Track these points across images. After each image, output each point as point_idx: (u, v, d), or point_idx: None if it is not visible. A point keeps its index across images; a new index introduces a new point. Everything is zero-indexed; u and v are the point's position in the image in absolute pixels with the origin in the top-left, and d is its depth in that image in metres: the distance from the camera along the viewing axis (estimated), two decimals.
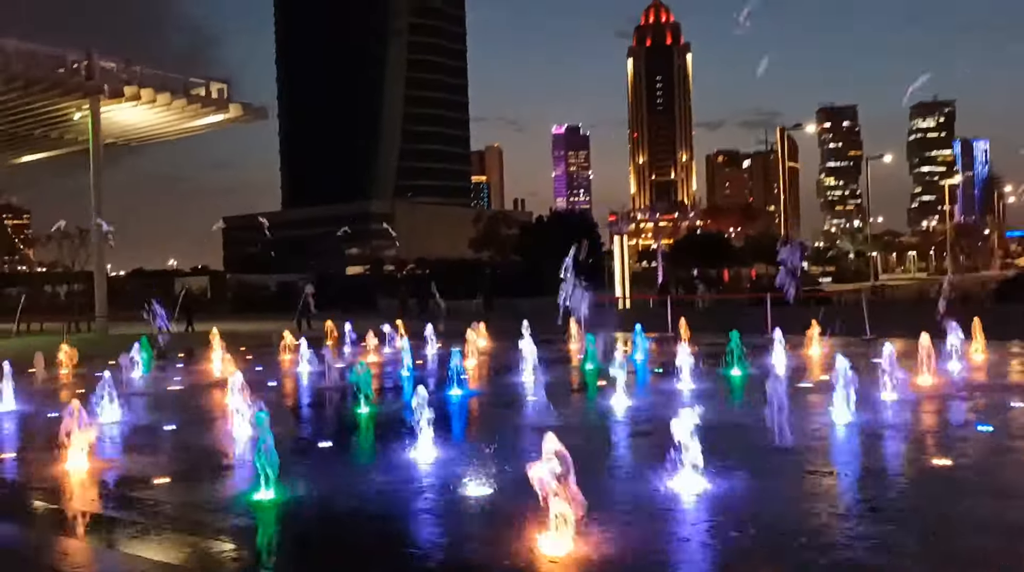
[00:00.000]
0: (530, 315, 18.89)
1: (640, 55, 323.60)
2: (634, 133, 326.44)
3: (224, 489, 7.55)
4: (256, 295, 54.51)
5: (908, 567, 5.10)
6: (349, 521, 6.42)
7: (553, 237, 53.58)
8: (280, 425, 8.92)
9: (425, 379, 14.02)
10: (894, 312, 23.46)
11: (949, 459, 7.59)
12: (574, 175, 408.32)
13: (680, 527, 5.92)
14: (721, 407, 10.73)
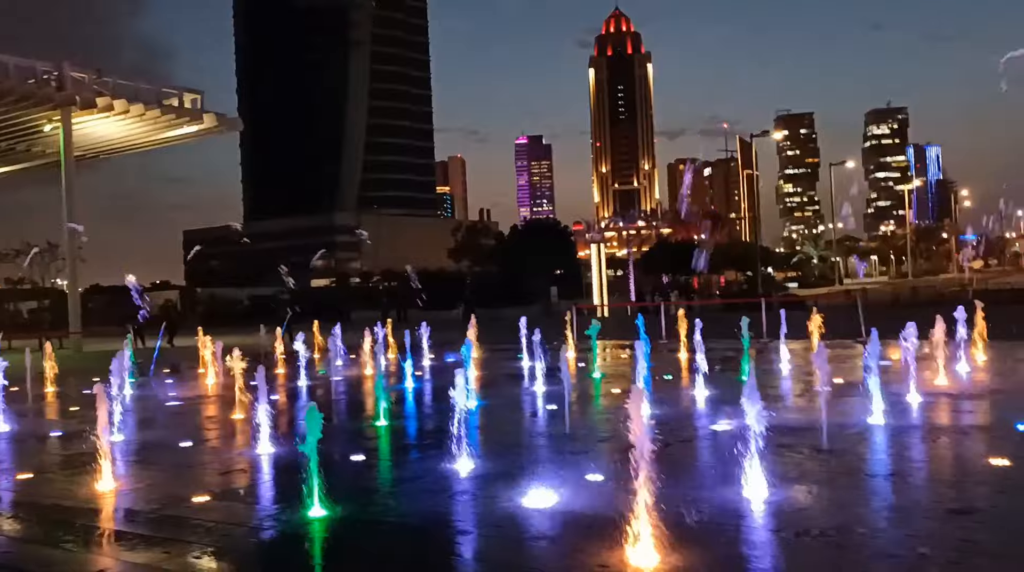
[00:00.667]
0: (516, 325, 18.94)
1: (602, 65, 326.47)
2: (596, 142, 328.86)
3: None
4: (229, 309, 53.63)
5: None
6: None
7: (530, 246, 53.77)
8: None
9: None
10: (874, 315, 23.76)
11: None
12: (537, 184, 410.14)
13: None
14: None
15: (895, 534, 5.74)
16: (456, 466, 8.18)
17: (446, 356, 20.90)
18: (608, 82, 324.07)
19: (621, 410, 9.98)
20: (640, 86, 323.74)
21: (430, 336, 20.98)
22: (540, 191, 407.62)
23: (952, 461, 8.02)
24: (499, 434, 10.52)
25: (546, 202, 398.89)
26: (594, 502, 6.78)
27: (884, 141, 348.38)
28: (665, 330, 23.70)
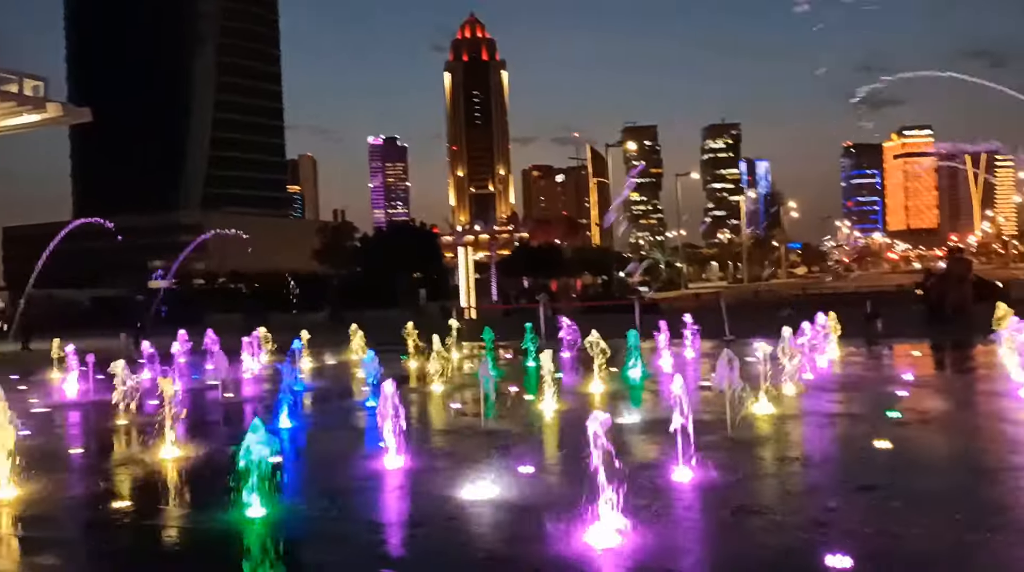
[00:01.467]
0: (387, 327, 19.06)
1: (457, 69, 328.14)
2: (453, 146, 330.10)
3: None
4: (67, 311, 49.76)
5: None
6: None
7: (395, 248, 53.31)
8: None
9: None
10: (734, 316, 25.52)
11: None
12: (392, 186, 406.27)
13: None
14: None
15: (819, 508, 6.39)
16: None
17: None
18: (464, 87, 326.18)
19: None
20: (495, 92, 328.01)
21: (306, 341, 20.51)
22: (395, 193, 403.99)
23: (844, 445, 8.90)
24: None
25: (401, 204, 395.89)
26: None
27: (720, 155, 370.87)
28: (544, 332, 24.31)
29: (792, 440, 9.15)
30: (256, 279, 69.27)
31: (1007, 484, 6.98)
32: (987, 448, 8.43)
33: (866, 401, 11.44)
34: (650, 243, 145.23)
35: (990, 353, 15.46)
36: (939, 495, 6.79)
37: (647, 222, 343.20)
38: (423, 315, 44.15)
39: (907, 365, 16.07)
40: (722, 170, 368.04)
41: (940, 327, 21.85)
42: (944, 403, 11.38)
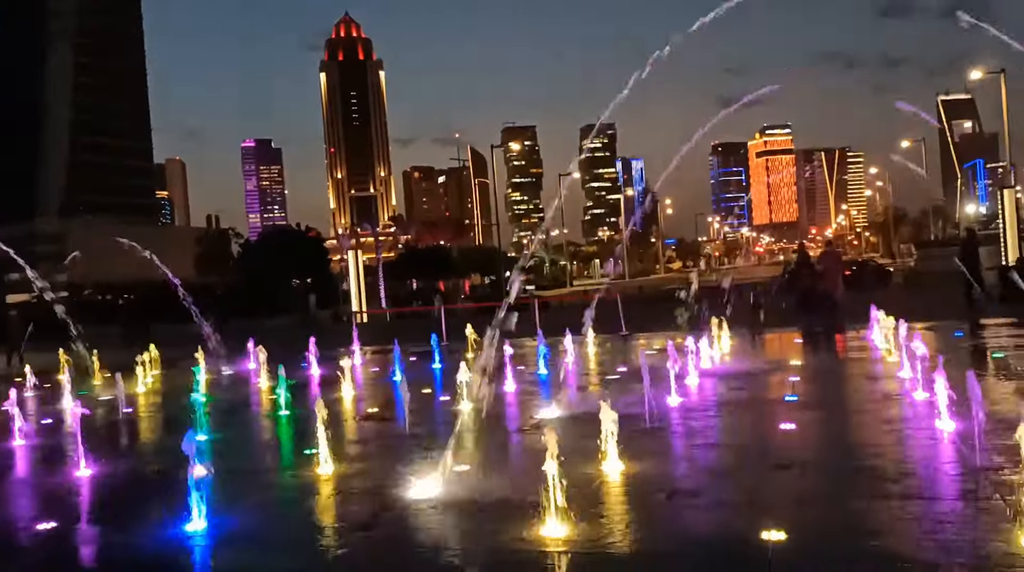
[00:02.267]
0: (275, 335, 18.75)
1: (333, 69, 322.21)
2: (331, 148, 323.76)
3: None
4: None
5: None
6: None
7: (280, 254, 51.86)
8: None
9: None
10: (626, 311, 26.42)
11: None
12: (267, 190, 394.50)
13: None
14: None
15: (744, 487, 6.90)
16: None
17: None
18: (341, 87, 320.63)
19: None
20: (373, 92, 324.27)
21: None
22: (271, 197, 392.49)
23: (754, 429, 9.54)
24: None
25: (278, 208, 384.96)
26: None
27: (597, 154, 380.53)
28: (446, 334, 24.41)
29: (708, 427, 9.72)
30: (128, 290, 65.76)
31: (893, 455, 7.72)
32: (871, 423, 9.26)
33: (764, 387, 12.25)
34: (532, 242, 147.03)
35: (861, 337, 16.81)
36: (842, 468, 7.47)
37: (529, 221, 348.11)
38: (314, 322, 43.27)
39: (792, 352, 17.24)
40: (600, 169, 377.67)
41: (814, 316, 23.43)
42: (831, 385, 12.34)
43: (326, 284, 54.79)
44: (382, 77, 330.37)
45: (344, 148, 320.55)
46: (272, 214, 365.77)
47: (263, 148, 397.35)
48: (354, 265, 44.47)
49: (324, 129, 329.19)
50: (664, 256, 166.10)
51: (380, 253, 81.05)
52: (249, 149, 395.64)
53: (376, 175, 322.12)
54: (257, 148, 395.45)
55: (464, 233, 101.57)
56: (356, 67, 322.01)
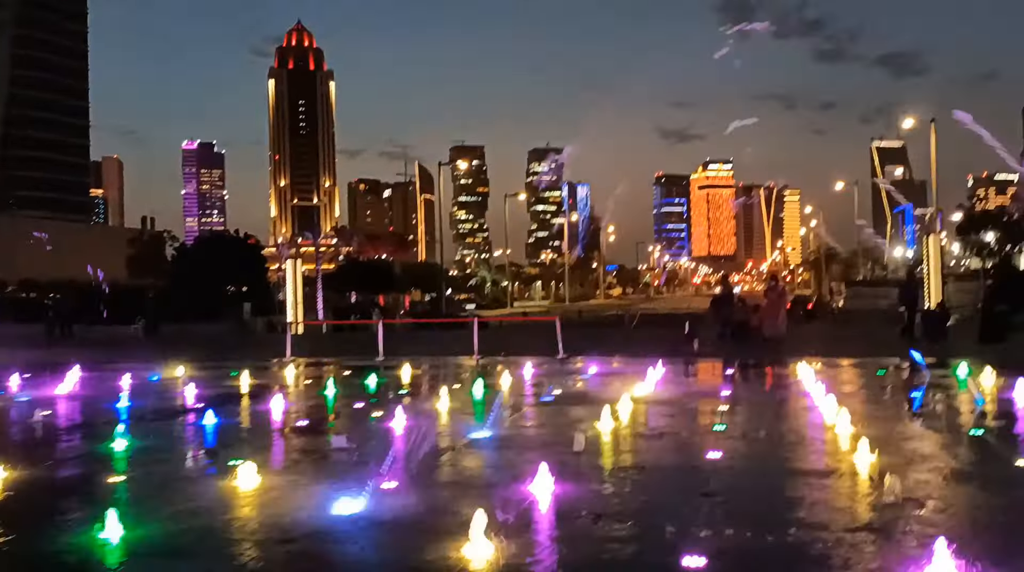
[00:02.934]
0: (207, 341, 18.38)
1: (282, 77, 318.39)
2: (275, 155, 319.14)
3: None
4: None
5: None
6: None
7: (216, 260, 50.70)
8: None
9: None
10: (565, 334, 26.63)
11: None
12: (207, 194, 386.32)
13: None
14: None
15: (670, 515, 6.98)
16: None
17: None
18: (289, 95, 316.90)
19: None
20: (322, 102, 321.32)
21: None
22: (211, 201, 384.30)
23: (682, 457, 9.67)
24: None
25: (217, 213, 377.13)
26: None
27: (544, 177, 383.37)
28: (382, 348, 24.19)
29: (636, 453, 9.82)
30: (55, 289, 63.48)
31: (814, 485, 7.92)
32: (795, 454, 9.49)
33: (694, 416, 12.45)
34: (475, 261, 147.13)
35: (797, 371, 17.23)
36: (764, 497, 7.64)
37: (473, 240, 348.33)
38: (248, 330, 42.45)
39: (724, 382, 17.59)
40: (545, 192, 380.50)
41: (747, 347, 23.97)
42: (760, 416, 12.59)
43: (262, 293, 53.80)
44: (332, 88, 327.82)
45: (289, 156, 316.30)
46: (211, 219, 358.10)
47: (205, 151, 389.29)
48: (292, 274, 43.74)
49: (269, 136, 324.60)
50: (604, 282, 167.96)
51: (320, 264, 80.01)
52: (190, 151, 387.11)
53: (321, 185, 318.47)
54: (199, 151, 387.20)
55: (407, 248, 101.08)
56: (306, 76, 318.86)
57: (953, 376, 15.34)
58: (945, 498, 7.36)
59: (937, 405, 12.99)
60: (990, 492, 7.57)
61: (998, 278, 42.79)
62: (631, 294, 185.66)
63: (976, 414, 11.86)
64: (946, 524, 6.39)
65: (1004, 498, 7.39)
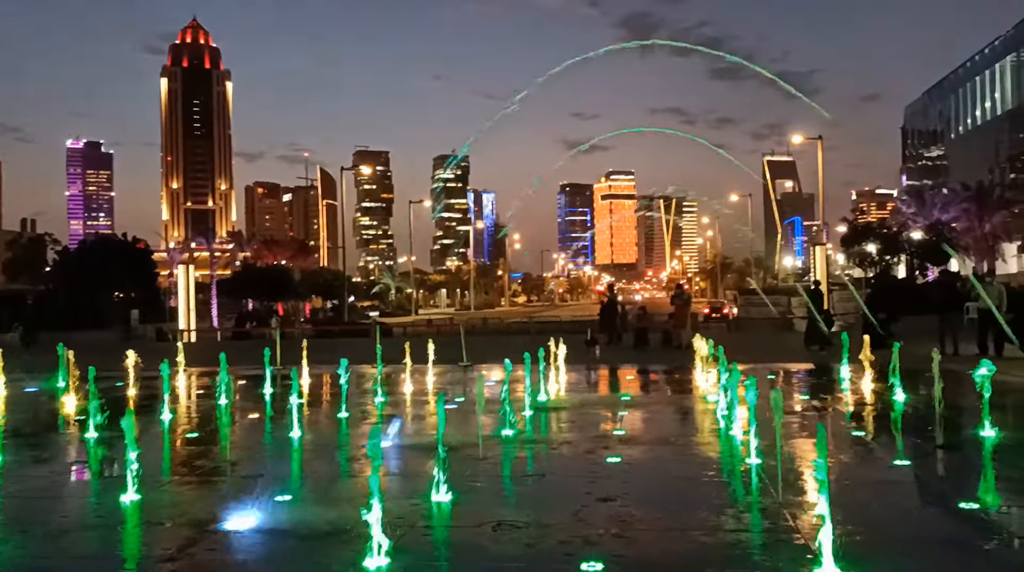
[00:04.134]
0: (90, 349, 17.49)
1: (176, 75, 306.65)
2: (168, 156, 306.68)
3: None
4: None
5: None
6: None
7: (102, 265, 48.12)
8: None
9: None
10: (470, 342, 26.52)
11: None
12: (94, 196, 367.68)
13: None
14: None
15: (569, 519, 7.00)
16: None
17: None
18: (183, 95, 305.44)
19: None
20: (219, 103, 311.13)
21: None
22: (97, 203, 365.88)
23: (582, 462, 9.72)
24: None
25: (104, 215, 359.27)
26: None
27: (449, 184, 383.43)
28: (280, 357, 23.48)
29: (536, 459, 9.82)
30: None
31: (705, 488, 8.11)
32: (691, 458, 9.71)
33: (594, 421, 12.57)
34: (379, 267, 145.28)
35: (692, 374, 17.70)
36: (661, 501, 7.77)
37: (377, 246, 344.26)
38: (136, 338, 40.49)
39: (625, 387, 17.90)
40: (451, 200, 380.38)
41: (653, 353, 24.50)
42: (657, 420, 12.84)
43: (153, 299, 51.41)
44: (229, 88, 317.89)
45: (183, 158, 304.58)
46: (97, 222, 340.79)
47: (92, 151, 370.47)
48: (184, 280, 42.13)
49: (162, 136, 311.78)
50: (510, 290, 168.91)
51: (215, 270, 77.21)
52: (76, 151, 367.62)
53: (216, 188, 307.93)
54: (85, 150, 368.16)
55: (307, 254, 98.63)
56: (201, 75, 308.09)
57: (841, 380, 16.13)
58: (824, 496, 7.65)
59: (830, 408, 13.55)
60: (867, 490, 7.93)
61: (877, 287, 45.28)
62: (536, 302, 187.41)
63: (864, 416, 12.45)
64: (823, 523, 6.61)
65: (889, 497, 7.75)
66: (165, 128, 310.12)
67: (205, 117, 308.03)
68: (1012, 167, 69.77)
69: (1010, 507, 7.22)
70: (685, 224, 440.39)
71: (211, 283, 71.16)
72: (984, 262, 54.02)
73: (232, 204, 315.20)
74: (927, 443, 10.54)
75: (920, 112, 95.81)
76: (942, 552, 6.15)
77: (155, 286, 56.35)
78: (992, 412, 9.72)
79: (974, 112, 79.91)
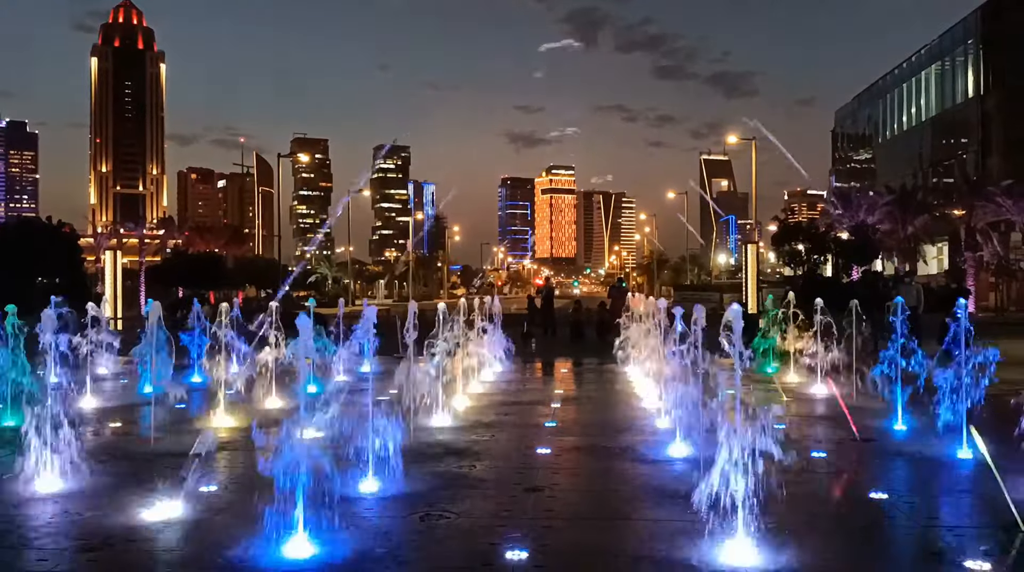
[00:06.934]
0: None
1: (107, 55, 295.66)
2: (97, 138, 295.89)
3: None
4: None
5: None
6: None
7: (22, 250, 46.17)
8: None
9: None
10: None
11: None
12: (17, 178, 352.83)
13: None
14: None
15: (497, 507, 7.09)
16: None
17: None
18: (114, 75, 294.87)
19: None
20: (152, 84, 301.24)
21: None
22: (21, 185, 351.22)
23: (512, 453, 9.83)
24: None
25: (27, 198, 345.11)
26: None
27: (389, 175, 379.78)
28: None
29: (468, 450, 9.89)
30: None
31: (635, 478, 8.31)
32: (619, 450, 9.91)
33: (526, 413, 12.71)
34: (315, 257, 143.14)
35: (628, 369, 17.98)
36: (587, 491, 7.96)
37: (313, 236, 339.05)
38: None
39: (559, 380, 18.13)
40: (391, 190, 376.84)
41: (584, 347, 24.80)
42: (587, 412, 13.06)
43: (78, 285, 49.60)
44: (163, 70, 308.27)
45: (112, 140, 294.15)
46: (20, 204, 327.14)
47: (16, 131, 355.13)
48: (111, 266, 40.86)
49: (91, 118, 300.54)
50: (448, 282, 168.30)
51: (144, 256, 74.97)
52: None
53: (147, 172, 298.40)
54: (8, 130, 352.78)
55: (242, 242, 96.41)
56: (133, 56, 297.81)
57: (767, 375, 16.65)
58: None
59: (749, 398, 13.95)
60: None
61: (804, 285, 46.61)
62: (473, 294, 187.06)
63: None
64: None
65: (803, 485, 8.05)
66: (95, 109, 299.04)
67: (137, 99, 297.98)
68: (934, 172, 72.50)
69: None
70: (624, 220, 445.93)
71: (140, 270, 69.02)
72: (906, 263, 56.11)
73: (164, 189, 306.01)
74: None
75: (850, 116, 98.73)
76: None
77: (81, 272, 54.46)
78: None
79: (900, 118, 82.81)
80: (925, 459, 9.03)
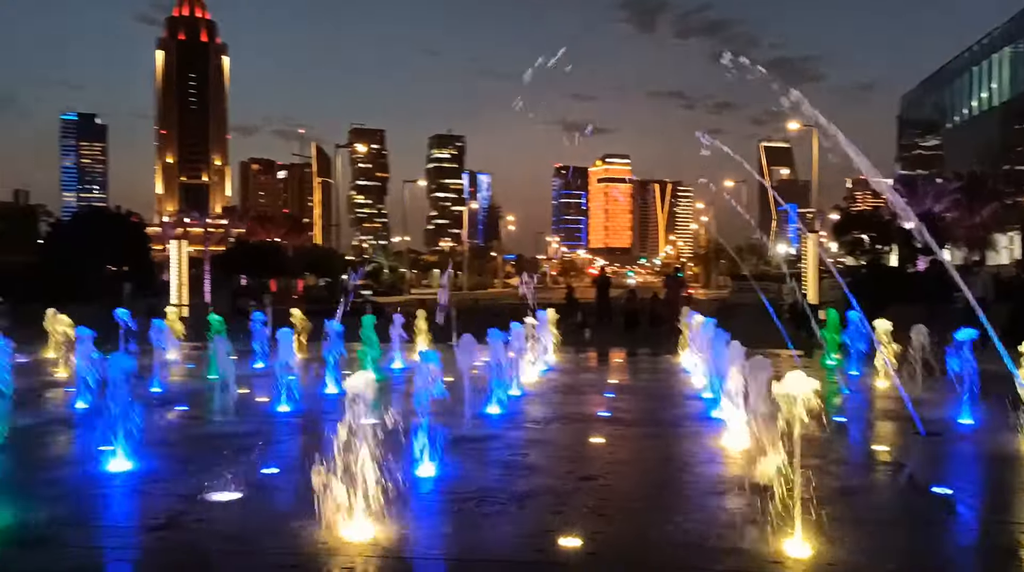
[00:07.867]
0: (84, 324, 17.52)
1: (172, 48, 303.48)
2: (163, 130, 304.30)
3: None
4: None
5: None
6: None
7: (92, 237, 47.94)
8: None
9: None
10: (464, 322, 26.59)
11: None
12: (87, 168, 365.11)
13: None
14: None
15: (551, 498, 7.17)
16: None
17: None
18: (178, 67, 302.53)
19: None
20: (215, 77, 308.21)
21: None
22: (91, 176, 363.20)
23: (566, 442, 9.89)
24: None
25: (98, 189, 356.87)
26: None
27: (444, 165, 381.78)
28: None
29: (521, 439, 9.98)
30: None
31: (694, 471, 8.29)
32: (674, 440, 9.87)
33: (580, 402, 12.75)
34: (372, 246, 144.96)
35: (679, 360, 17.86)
36: (642, 482, 7.97)
37: (371, 225, 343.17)
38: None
39: (613, 370, 18.11)
40: (446, 180, 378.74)
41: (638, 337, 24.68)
42: (642, 403, 13.02)
43: (145, 273, 51.29)
44: (225, 62, 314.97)
45: (178, 132, 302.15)
46: (91, 194, 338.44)
47: (86, 123, 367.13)
48: (177, 255, 41.93)
49: (157, 110, 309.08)
50: (503, 271, 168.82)
51: (208, 245, 77.00)
52: (70, 123, 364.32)
53: (211, 163, 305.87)
54: (79, 122, 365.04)
55: (302, 232, 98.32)
56: (197, 49, 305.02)
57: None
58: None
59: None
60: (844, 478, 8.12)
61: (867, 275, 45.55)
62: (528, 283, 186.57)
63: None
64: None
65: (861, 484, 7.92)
66: (160, 101, 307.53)
67: (201, 91, 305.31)
68: (1005, 159, 69.80)
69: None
70: (680, 209, 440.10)
71: (204, 258, 70.98)
72: (975, 253, 54.30)
73: (227, 179, 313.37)
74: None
75: (916, 102, 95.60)
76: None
77: (148, 259, 56.25)
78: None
79: (970, 103, 79.83)
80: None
